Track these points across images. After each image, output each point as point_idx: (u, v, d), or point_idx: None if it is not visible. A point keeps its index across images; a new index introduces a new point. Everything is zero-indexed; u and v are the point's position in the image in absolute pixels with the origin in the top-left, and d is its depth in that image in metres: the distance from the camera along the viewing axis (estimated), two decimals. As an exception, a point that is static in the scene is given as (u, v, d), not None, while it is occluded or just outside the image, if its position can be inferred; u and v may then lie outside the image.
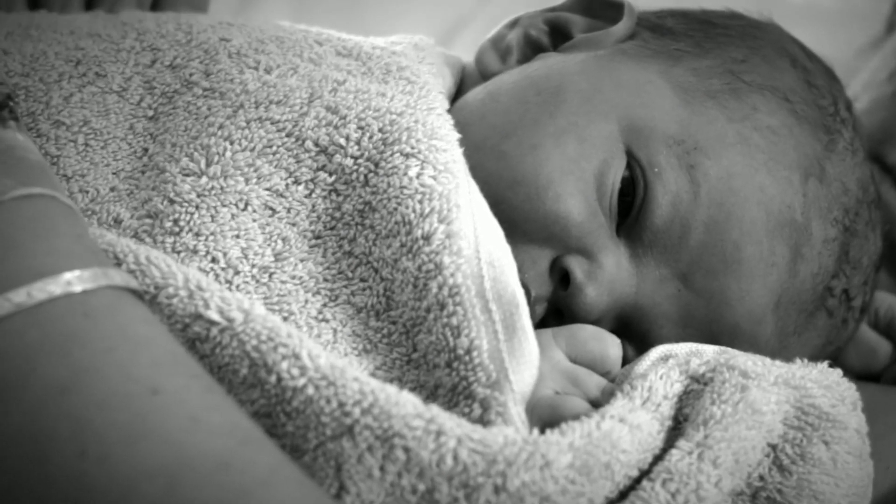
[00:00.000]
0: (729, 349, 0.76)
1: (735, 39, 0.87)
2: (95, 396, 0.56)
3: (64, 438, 0.55)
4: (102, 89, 0.78)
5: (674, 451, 0.68)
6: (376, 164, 0.73)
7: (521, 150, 0.79)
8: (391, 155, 0.73)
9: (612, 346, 0.76)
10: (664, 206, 0.78)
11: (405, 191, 0.71)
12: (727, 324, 0.79)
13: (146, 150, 0.76)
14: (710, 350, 0.75)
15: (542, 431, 0.66)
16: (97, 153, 0.75)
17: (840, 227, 0.84)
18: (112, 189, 0.74)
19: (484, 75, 0.89)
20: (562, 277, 0.78)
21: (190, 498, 0.53)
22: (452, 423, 0.63)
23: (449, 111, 0.79)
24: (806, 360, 0.76)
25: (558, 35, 0.90)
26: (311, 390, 0.63)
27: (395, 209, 0.71)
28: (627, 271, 0.79)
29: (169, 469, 0.54)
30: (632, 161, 0.79)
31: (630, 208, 0.79)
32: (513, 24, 0.92)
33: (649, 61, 0.84)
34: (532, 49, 0.90)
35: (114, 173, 0.75)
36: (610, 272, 0.78)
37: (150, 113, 0.77)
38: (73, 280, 0.59)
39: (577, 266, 0.77)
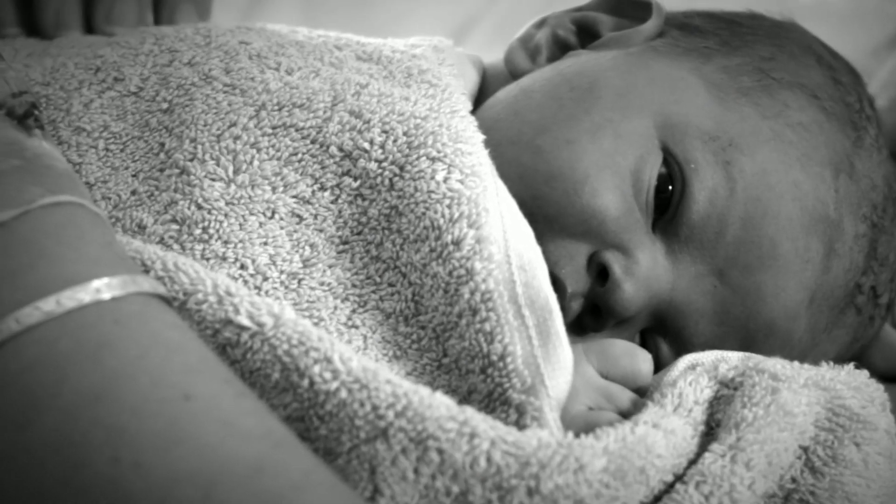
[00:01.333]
0: (754, 355, 0.76)
1: (761, 38, 0.87)
2: (129, 403, 0.55)
3: (98, 445, 0.55)
4: (121, 93, 0.77)
5: (706, 454, 0.68)
6: (401, 168, 0.73)
7: (557, 144, 0.78)
8: (417, 159, 0.72)
9: (643, 362, 0.75)
10: (701, 201, 0.78)
11: (433, 195, 0.71)
12: (763, 320, 0.79)
13: (162, 144, 0.75)
14: (735, 356, 0.75)
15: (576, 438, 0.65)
16: (117, 157, 0.75)
17: (868, 223, 0.84)
18: (133, 192, 0.74)
19: (514, 74, 0.89)
20: (599, 273, 0.77)
21: (225, 503, 0.53)
22: (486, 426, 0.62)
23: (473, 112, 0.78)
24: (832, 362, 0.76)
25: (586, 34, 0.90)
26: (343, 394, 0.62)
27: (424, 214, 0.71)
28: (664, 267, 0.78)
29: (203, 475, 0.54)
30: (668, 157, 0.79)
31: (666, 204, 0.78)
32: (540, 24, 0.92)
33: (681, 59, 0.84)
34: (560, 48, 0.90)
35: (133, 175, 0.74)
36: (647, 268, 0.78)
37: (165, 105, 0.76)
38: (103, 287, 0.59)
39: (615, 261, 0.77)
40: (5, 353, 0.57)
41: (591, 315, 0.78)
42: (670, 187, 0.78)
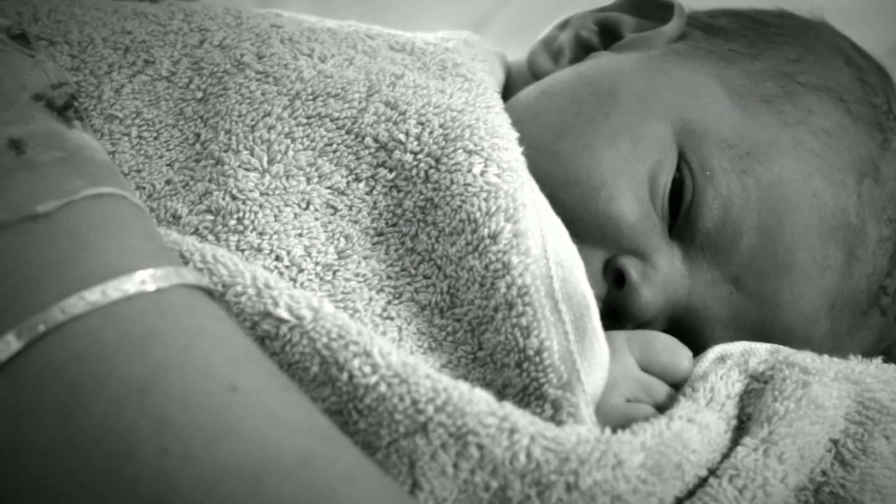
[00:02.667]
0: (782, 347, 0.76)
1: (788, 38, 0.87)
2: (176, 394, 0.55)
3: (145, 437, 0.54)
4: (152, 77, 0.76)
5: (739, 447, 0.68)
6: (437, 160, 0.73)
7: (575, 149, 0.78)
8: (453, 151, 0.72)
9: (684, 360, 0.75)
10: (714, 209, 0.78)
11: (470, 188, 0.71)
12: (780, 326, 0.79)
13: (198, 135, 0.74)
14: (763, 348, 0.75)
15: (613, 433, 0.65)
16: (150, 144, 0.75)
17: (894, 225, 0.84)
18: (168, 182, 0.73)
19: (536, 76, 0.89)
20: (616, 278, 0.78)
21: (274, 495, 0.53)
22: (526, 421, 0.62)
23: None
24: (860, 357, 0.76)
25: (608, 35, 0.90)
26: (383, 388, 0.63)
27: (460, 206, 0.71)
28: (680, 273, 0.79)
29: (251, 467, 0.54)
30: (682, 163, 0.79)
31: (678, 210, 0.78)
32: (563, 25, 0.92)
33: (702, 62, 0.84)
34: (583, 49, 0.90)
35: (168, 164, 0.74)
36: (664, 273, 0.78)
37: (199, 94, 0.76)
38: (147, 279, 0.59)
39: (631, 266, 0.77)
40: (51, 344, 0.57)
41: (608, 319, 0.78)
42: (685, 191, 0.78)
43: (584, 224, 0.76)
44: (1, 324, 0.57)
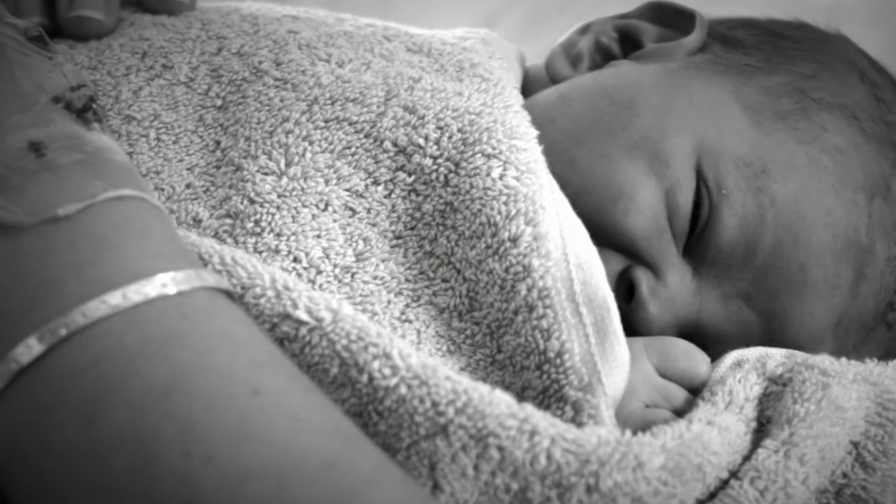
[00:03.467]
0: (797, 352, 0.76)
1: (804, 53, 0.87)
2: (199, 398, 0.55)
3: (169, 440, 0.55)
4: (170, 81, 0.77)
5: (760, 450, 0.68)
6: (457, 165, 0.73)
7: (592, 158, 0.79)
8: (472, 155, 0.72)
9: (702, 365, 0.76)
10: (730, 227, 0.78)
11: (489, 192, 0.71)
12: (787, 343, 0.79)
13: (218, 143, 0.75)
14: (779, 353, 0.75)
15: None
16: (170, 148, 0.75)
17: None
18: (188, 186, 0.74)
19: (554, 80, 0.89)
20: (627, 289, 0.78)
21: (298, 498, 0.53)
22: (546, 423, 0.62)
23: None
24: (876, 361, 0.76)
25: (628, 42, 0.90)
26: (403, 389, 0.63)
27: (480, 210, 0.71)
28: (690, 289, 0.79)
29: (276, 469, 0.54)
30: (700, 181, 0.79)
31: (693, 228, 0.79)
32: (584, 31, 0.92)
33: (720, 77, 0.84)
34: (602, 56, 0.90)
35: (188, 169, 0.74)
36: (674, 290, 0.78)
37: (219, 102, 0.76)
38: (168, 282, 0.59)
39: (643, 280, 0.78)
40: (72, 347, 0.57)
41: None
42: (701, 209, 0.79)
43: (598, 234, 0.76)
44: (22, 327, 0.58)
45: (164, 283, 0.59)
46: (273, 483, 0.53)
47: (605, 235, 0.77)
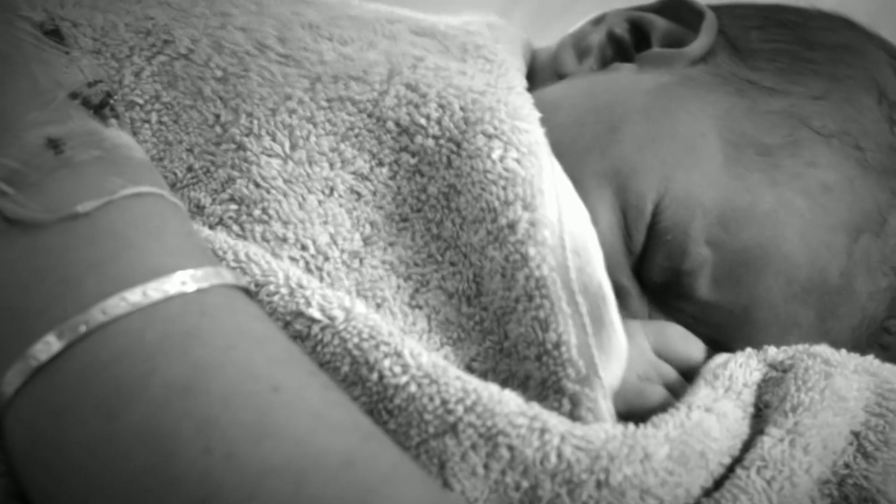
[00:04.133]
0: (789, 346, 0.76)
1: (822, 66, 0.84)
2: (219, 394, 0.56)
3: (188, 436, 0.55)
4: (171, 56, 0.75)
5: (765, 438, 0.69)
6: (458, 145, 0.72)
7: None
8: (473, 136, 0.72)
9: (696, 350, 0.77)
10: (664, 269, 0.77)
11: (489, 175, 0.71)
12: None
13: (217, 116, 0.74)
14: (773, 348, 0.76)
15: (627, 417, 0.67)
16: (170, 129, 0.74)
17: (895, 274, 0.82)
18: (189, 169, 0.73)
19: (558, 73, 0.88)
20: None
21: (317, 495, 0.54)
22: (555, 421, 0.63)
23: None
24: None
25: (641, 36, 0.89)
26: (413, 388, 0.63)
27: (480, 195, 0.71)
28: (644, 313, 0.79)
29: (295, 466, 0.55)
30: (655, 220, 0.78)
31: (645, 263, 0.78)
32: (597, 21, 0.90)
33: (713, 98, 0.82)
34: (613, 48, 0.89)
35: (188, 150, 0.73)
36: (632, 312, 0.78)
37: (219, 73, 0.75)
38: (187, 279, 0.59)
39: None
40: (92, 344, 0.57)
41: None
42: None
43: None
44: (42, 324, 0.58)
45: (183, 281, 0.59)
46: (292, 480, 0.54)
47: None
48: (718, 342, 0.78)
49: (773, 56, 0.85)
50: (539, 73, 0.88)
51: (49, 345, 0.57)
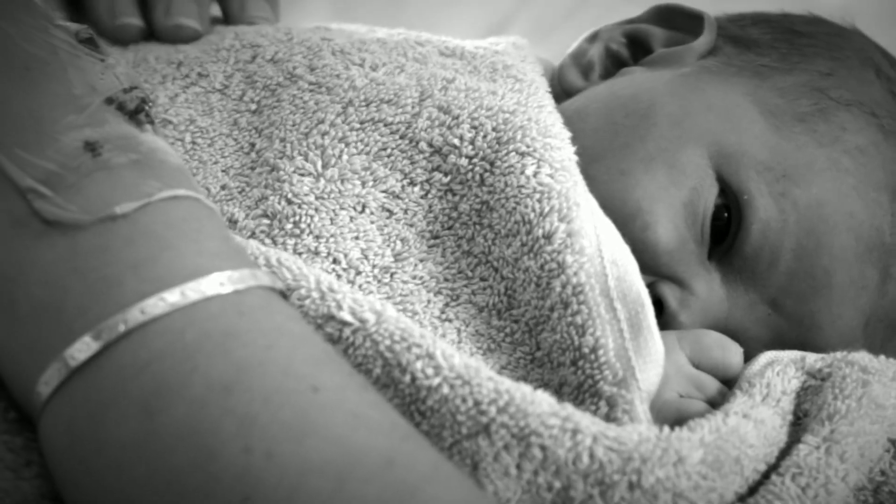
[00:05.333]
0: (828, 354, 0.77)
1: (821, 50, 0.88)
2: (259, 393, 0.56)
3: (230, 435, 0.56)
4: (206, 89, 0.78)
5: (801, 445, 0.69)
6: (492, 164, 0.74)
7: (611, 174, 0.79)
8: (506, 154, 0.74)
9: (735, 355, 0.77)
10: (754, 233, 0.79)
11: (523, 190, 0.72)
12: (818, 346, 0.80)
13: (253, 145, 0.76)
14: (812, 357, 0.76)
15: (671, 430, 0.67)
16: (205, 151, 0.76)
17: None
18: (223, 187, 0.75)
19: (567, 92, 0.89)
20: (654, 303, 0.78)
21: (359, 494, 0.54)
22: (588, 422, 0.64)
23: None
24: None
25: (638, 48, 0.91)
26: (446, 389, 0.64)
27: (514, 208, 0.72)
28: (719, 297, 0.80)
29: (335, 466, 0.55)
30: (723, 187, 0.79)
31: (721, 234, 0.79)
32: (592, 38, 0.92)
33: (735, 80, 0.84)
34: (613, 63, 0.90)
35: (223, 171, 0.75)
36: (702, 299, 0.79)
37: (254, 107, 0.77)
38: (225, 280, 0.60)
39: (669, 294, 0.78)
40: (132, 343, 0.58)
41: None
42: (726, 215, 0.79)
43: None
44: (80, 324, 0.59)
45: (221, 282, 0.60)
46: (333, 479, 0.55)
47: None
48: (800, 318, 0.79)
49: (772, 44, 0.88)
50: (555, 91, 0.89)
51: (87, 345, 0.58)
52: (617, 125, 0.82)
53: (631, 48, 0.92)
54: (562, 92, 0.90)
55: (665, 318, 0.78)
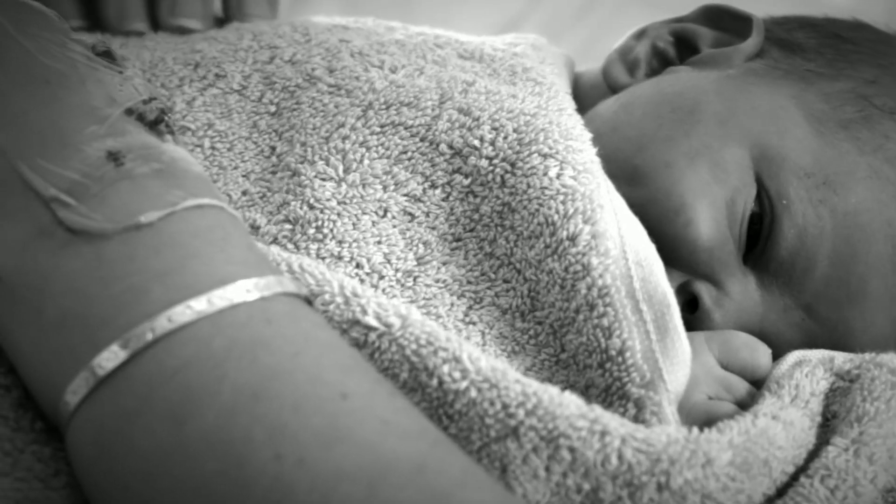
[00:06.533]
0: (856, 355, 0.77)
1: (865, 57, 0.87)
2: (288, 401, 0.56)
3: (260, 442, 0.55)
4: (223, 90, 0.78)
5: (830, 447, 0.69)
6: (513, 165, 0.74)
7: (655, 165, 0.79)
8: (528, 155, 0.73)
9: (763, 356, 0.77)
10: (790, 238, 0.78)
11: (546, 191, 0.72)
12: (850, 351, 0.79)
13: (273, 148, 0.76)
14: (841, 356, 0.76)
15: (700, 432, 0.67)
16: (224, 156, 0.76)
17: None
18: (244, 193, 0.75)
19: (612, 88, 0.89)
20: (688, 301, 0.79)
21: (391, 500, 0.54)
22: (616, 423, 0.63)
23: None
24: None
25: (684, 47, 0.91)
26: (473, 393, 0.64)
27: (537, 210, 0.72)
28: (753, 300, 0.80)
29: (368, 471, 0.55)
30: (761, 190, 0.79)
31: (757, 237, 0.79)
32: (639, 35, 0.92)
33: (781, 83, 0.84)
34: (659, 61, 0.90)
35: (243, 176, 0.75)
36: (737, 300, 0.79)
37: (273, 109, 0.77)
38: (251, 288, 0.60)
39: (705, 292, 0.78)
40: (159, 351, 0.58)
41: None
42: (762, 218, 0.79)
43: (659, 244, 0.76)
44: (107, 333, 0.58)
45: (247, 289, 0.60)
46: (365, 485, 0.54)
47: (666, 247, 0.76)
48: (834, 324, 0.79)
49: (818, 49, 0.87)
50: (588, 93, 0.89)
51: (115, 354, 0.58)
52: (662, 119, 0.82)
53: (677, 47, 0.91)
54: (605, 86, 0.90)
55: (699, 316, 0.78)
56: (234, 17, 0.88)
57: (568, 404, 0.63)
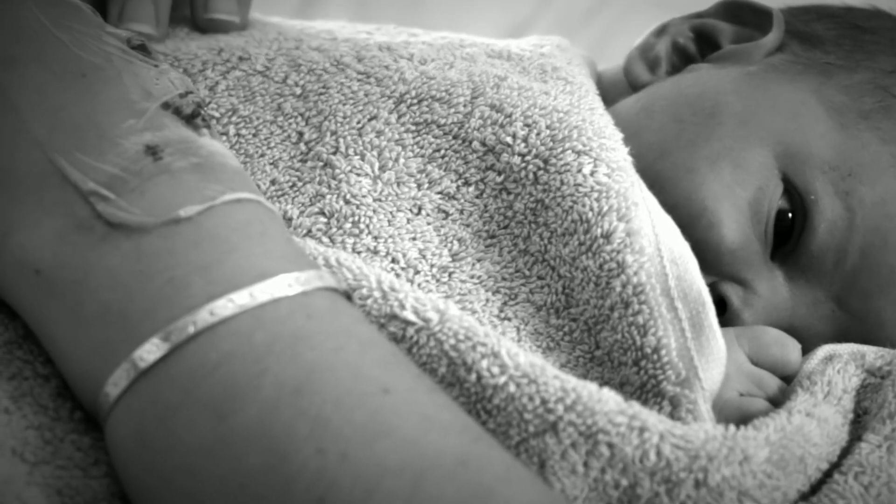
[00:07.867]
0: (887, 351, 0.77)
1: (884, 47, 0.87)
2: (331, 396, 0.56)
3: (302, 437, 0.55)
4: (246, 72, 0.76)
5: (863, 444, 0.69)
6: (546, 162, 0.73)
7: (677, 171, 0.79)
8: (562, 152, 0.73)
9: (793, 352, 0.77)
10: (820, 233, 0.78)
11: (580, 188, 0.72)
12: (881, 342, 0.79)
13: (301, 134, 0.75)
14: (871, 351, 0.76)
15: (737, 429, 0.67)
16: (250, 143, 0.74)
17: None
18: (273, 182, 0.74)
19: (633, 86, 0.89)
20: (717, 303, 0.78)
21: (435, 495, 0.54)
22: (655, 420, 0.63)
23: None
24: None
25: (705, 42, 0.91)
26: (512, 388, 0.63)
27: (571, 207, 0.72)
28: (782, 297, 0.80)
29: (411, 467, 0.55)
30: (788, 188, 0.79)
31: (785, 235, 0.79)
32: (660, 32, 0.92)
33: (801, 78, 0.84)
34: (680, 57, 0.90)
35: (271, 164, 0.74)
36: (766, 299, 0.79)
37: (298, 91, 0.76)
38: (292, 282, 0.60)
39: (733, 293, 0.78)
40: (201, 345, 0.58)
41: None
42: (790, 216, 0.79)
43: None
44: (147, 325, 0.58)
45: (288, 283, 0.59)
46: (409, 480, 0.54)
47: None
48: (865, 315, 0.78)
49: (837, 41, 0.87)
50: (611, 91, 0.89)
51: (156, 346, 0.58)
52: (683, 122, 0.82)
53: (698, 43, 0.91)
54: (626, 84, 0.90)
55: (728, 317, 0.78)
56: (201, 14, 0.83)
57: (607, 400, 0.63)
